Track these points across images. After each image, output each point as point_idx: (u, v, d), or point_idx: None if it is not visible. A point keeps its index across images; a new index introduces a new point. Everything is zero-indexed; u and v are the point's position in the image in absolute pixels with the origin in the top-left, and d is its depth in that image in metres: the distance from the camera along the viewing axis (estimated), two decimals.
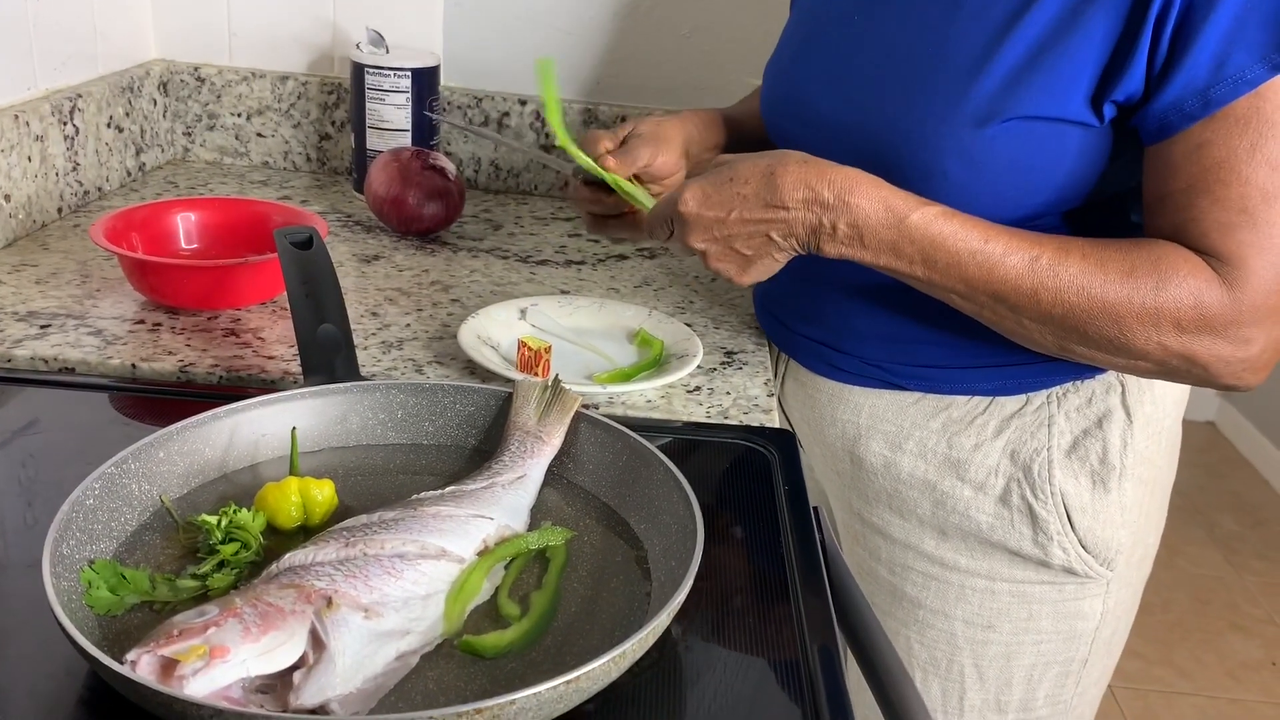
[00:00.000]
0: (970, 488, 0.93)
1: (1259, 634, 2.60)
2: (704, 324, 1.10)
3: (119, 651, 0.54)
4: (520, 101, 1.46)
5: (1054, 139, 0.81)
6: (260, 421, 0.76)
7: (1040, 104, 0.80)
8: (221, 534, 0.65)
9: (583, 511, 0.74)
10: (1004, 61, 0.80)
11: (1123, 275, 0.77)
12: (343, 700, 0.54)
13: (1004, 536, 0.93)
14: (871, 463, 0.98)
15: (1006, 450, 0.92)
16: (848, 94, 0.90)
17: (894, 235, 0.79)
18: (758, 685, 0.62)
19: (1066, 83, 0.79)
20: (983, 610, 0.95)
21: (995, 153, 0.81)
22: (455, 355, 0.97)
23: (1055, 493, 0.91)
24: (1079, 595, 0.94)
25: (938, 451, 0.94)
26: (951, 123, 0.82)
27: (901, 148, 0.84)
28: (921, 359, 0.93)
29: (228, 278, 1.00)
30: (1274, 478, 3.29)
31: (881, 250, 0.80)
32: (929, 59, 0.84)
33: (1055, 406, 0.91)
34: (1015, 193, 0.83)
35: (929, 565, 0.96)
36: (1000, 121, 0.80)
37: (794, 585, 0.70)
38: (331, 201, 1.39)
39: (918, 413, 0.94)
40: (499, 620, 0.63)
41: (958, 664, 0.98)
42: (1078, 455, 0.91)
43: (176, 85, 1.46)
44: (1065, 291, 0.78)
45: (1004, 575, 0.94)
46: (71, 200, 1.25)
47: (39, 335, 0.94)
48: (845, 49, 0.91)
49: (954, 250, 0.79)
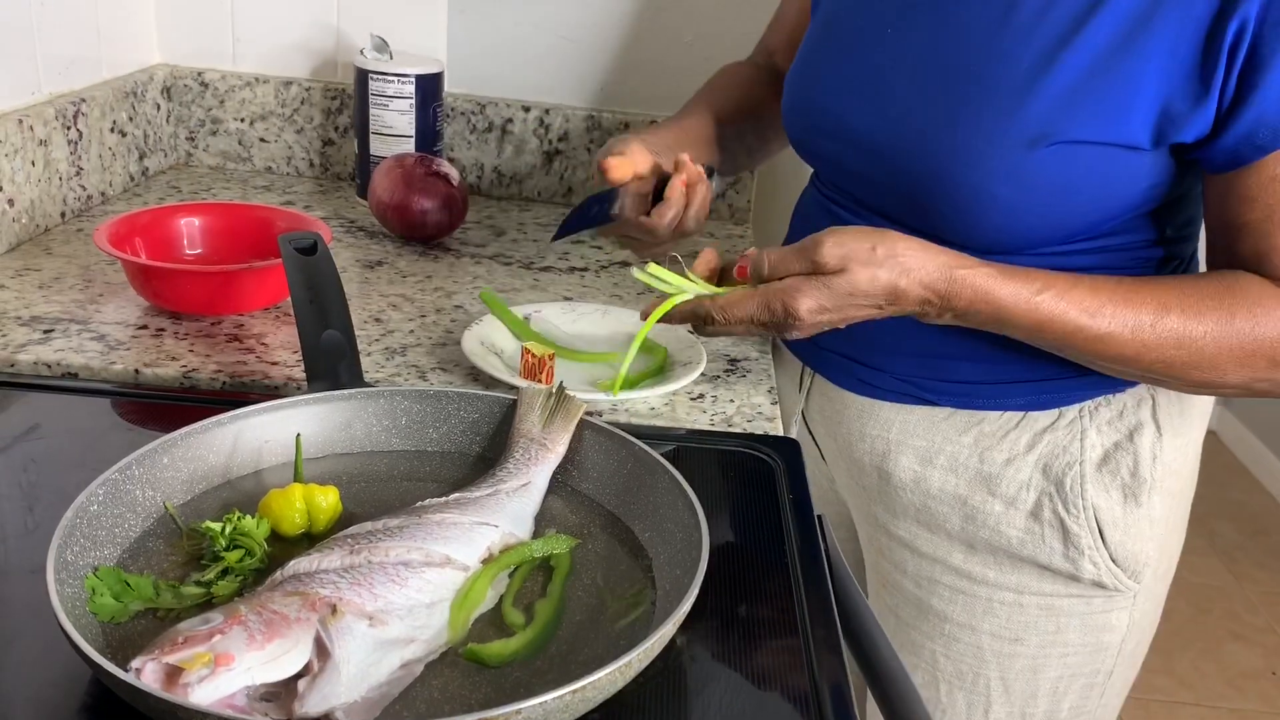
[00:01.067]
0: (1001, 502, 0.92)
1: (1260, 643, 2.60)
2: None
3: (123, 658, 0.53)
4: (524, 108, 1.46)
5: (1106, 162, 0.80)
6: (264, 428, 0.76)
7: (1095, 128, 0.79)
8: (225, 541, 0.65)
9: (587, 519, 0.74)
10: (1057, 81, 0.79)
11: (1219, 323, 0.79)
12: (347, 709, 0.54)
13: (1034, 551, 0.92)
14: (900, 477, 0.96)
15: (1039, 464, 0.91)
16: (883, 110, 0.87)
17: (997, 322, 0.81)
18: (762, 695, 0.61)
19: (1124, 107, 0.78)
20: (1010, 623, 0.95)
21: (1046, 175, 0.80)
22: (459, 362, 0.97)
23: (1088, 506, 0.90)
24: (1107, 608, 0.94)
25: (969, 466, 0.93)
26: (1001, 144, 0.80)
27: (946, 169, 0.83)
28: (954, 375, 0.92)
29: (231, 283, 1.00)
30: (1275, 487, 3.29)
31: (987, 325, 0.82)
32: (975, 75, 0.82)
33: (1088, 420, 0.90)
34: (1062, 215, 0.83)
35: (956, 579, 0.96)
36: (1052, 144, 0.79)
37: (798, 594, 0.69)
38: (335, 207, 1.39)
39: (949, 428, 0.93)
40: (504, 629, 0.62)
41: (984, 677, 0.97)
42: (1109, 468, 0.90)
43: (180, 90, 1.46)
44: (1166, 348, 0.79)
45: (1032, 589, 0.93)
46: (75, 205, 1.25)
47: (42, 340, 0.94)
48: (879, 61, 0.88)
49: (1059, 331, 0.80)
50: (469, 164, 1.49)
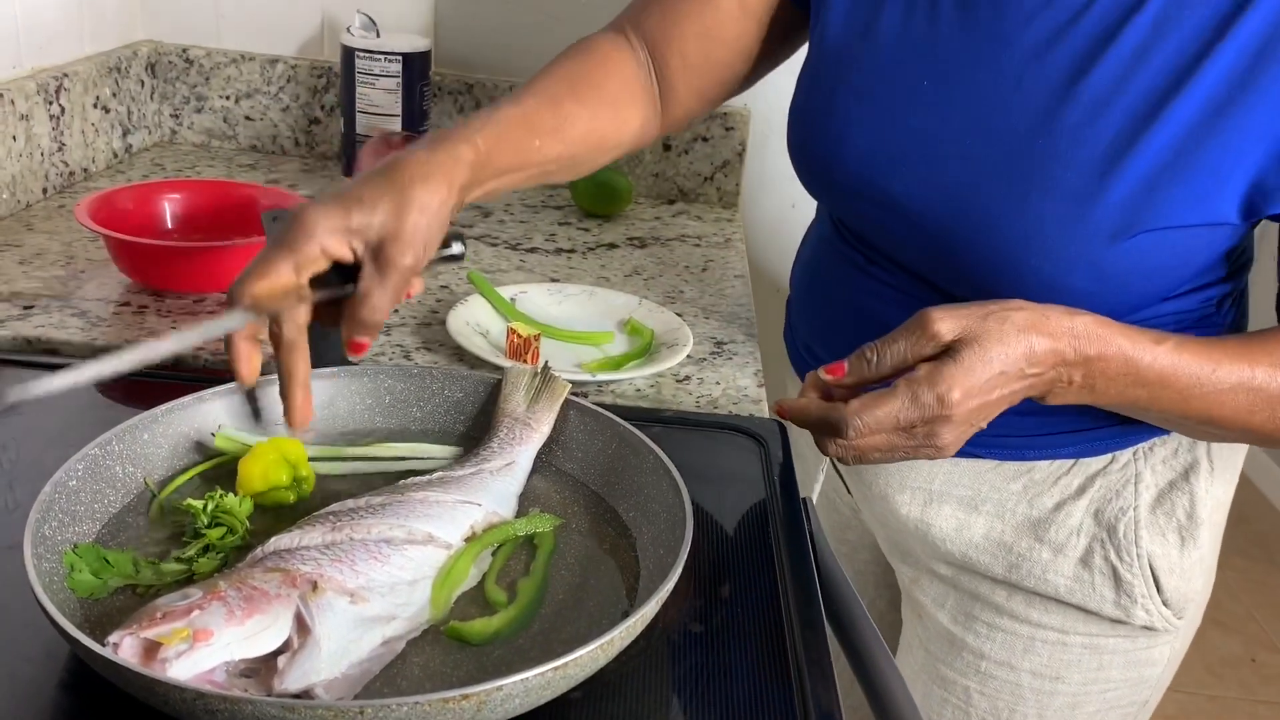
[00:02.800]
0: (1049, 549, 0.86)
1: (1239, 630, 2.62)
2: (694, 314, 1.10)
3: (101, 634, 0.53)
4: (511, 88, 1.45)
5: (1191, 242, 0.73)
6: (246, 405, 0.75)
7: (1183, 213, 0.71)
8: (207, 518, 0.65)
9: (571, 499, 0.74)
10: (1140, 165, 0.70)
11: None
12: (327, 685, 0.54)
13: (1083, 599, 0.86)
14: (942, 527, 0.89)
15: (1090, 509, 0.85)
16: (933, 181, 0.77)
17: (1126, 385, 0.71)
18: (744, 674, 0.61)
19: (1213, 188, 0.71)
20: (1052, 662, 0.89)
21: (1129, 266, 0.73)
22: (444, 342, 0.96)
23: (1142, 554, 0.84)
24: (1150, 644, 0.89)
25: (1017, 512, 0.86)
26: (1079, 235, 0.72)
27: (1018, 256, 0.74)
28: (1001, 429, 0.79)
29: (214, 260, 0.99)
30: (1256, 475, 3.31)
31: (1109, 399, 0.73)
32: (1040, 153, 0.73)
33: (1143, 463, 0.84)
34: (1141, 299, 0.76)
35: (996, 616, 0.90)
36: (1136, 234, 0.71)
37: (782, 574, 0.69)
38: (320, 185, 1.38)
39: (996, 477, 0.87)
40: (486, 606, 0.62)
41: (1020, 713, 0.92)
42: (1164, 510, 0.85)
43: (164, 67, 1.45)
44: (1276, 405, 0.73)
45: (1078, 630, 0.88)
46: (57, 181, 1.23)
47: (22, 316, 0.93)
48: (919, 125, 0.78)
49: (1182, 386, 0.72)
50: None
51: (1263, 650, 2.55)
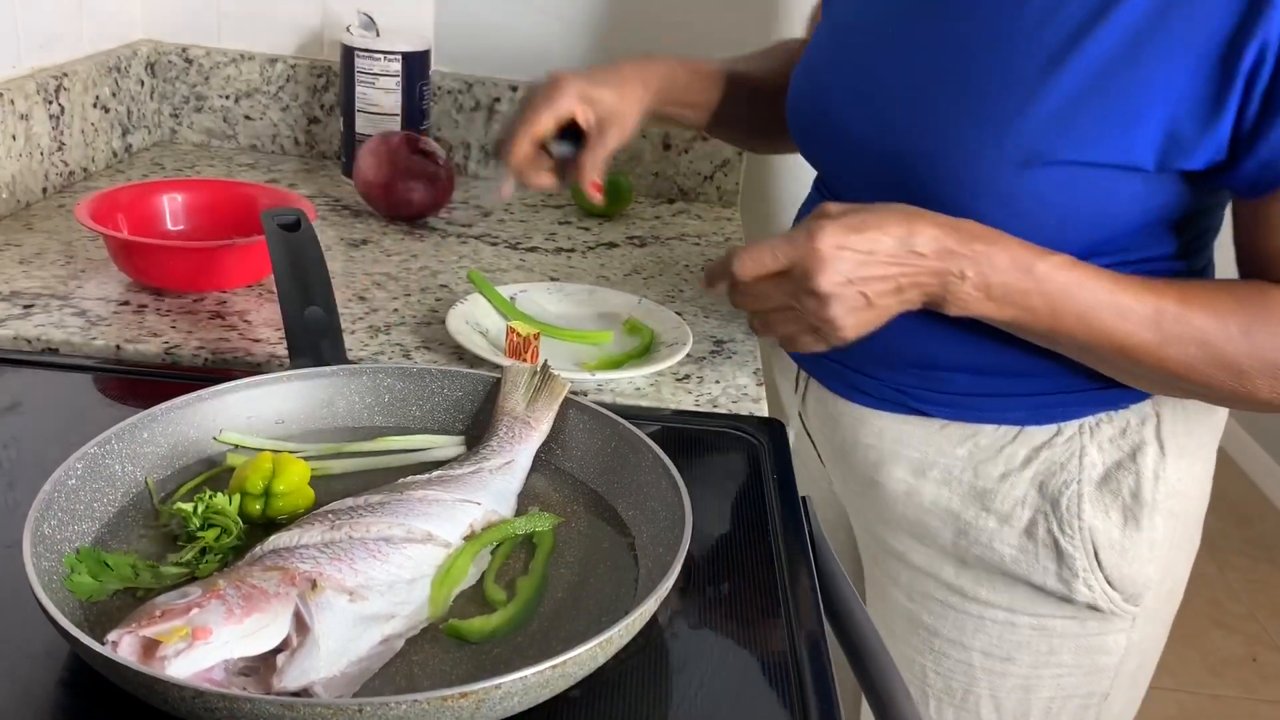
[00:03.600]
0: (995, 519, 0.88)
1: (1241, 630, 2.62)
2: (693, 312, 1.10)
3: (100, 633, 0.53)
4: (511, 87, 1.45)
5: (1104, 185, 0.75)
6: (245, 404, 0.75)
7: (1091, 149, 0.74)
8: (199, 520, 0.64)
9: (570, 497, 0.74)
10: (1052, 98, 0.74)
11: (1243, 330, 0.74)
12: (326, 683, 0.54)
13: (1028, 570, 0.88)
14: (893, 489, 0.93)
15: (1034, 481, 0.87)
16: (882, 119, 0.83)
17: (1023, 283, 0.74)
18: (744, 672, 0.61)
19: (1123, 126, 0.73)
20: (1001, 642, 0.92)
21: (1037, 198, 0.75)
22: (443, 341, 0.97)
23: (1084, 528, 0.86)
24: (1102, 630, 0.90)
25: (963, 480, 0.89)
26: (989, 161, 0.76)
27: (932, 182, 0.78)
28: (949, 386, 0.87)
29: (214, 259, 0.99)
30: (1258, 475, 3.31)
31: (1007, 301, 0.75)
32: (970, 88, 0.78)
33: (1088, 437, 0.86)
34: (1055, 236, 0.77)
35: (948, 594, 0.93)
36: (1046, 164, 0.74)
37: (781, 574, 0.69)
38: (320, 185, 1.38)
39: (943, 440, 0.90)
40: (485, 605, 0.62)
41: (974, 694, 0.94)
42: (1109, 489, 0.86)
43: (164, 66, 1.45)
44: (1189, 344, 0.75)
45: (1025, 609, 0.90)
46: (56, 180, 1.24)
47: (22, 315, 0.93)
48: (881, 70, 0.84)
49: (1082, 301, 0.74)
50: (455, 143, 1.49)
51: (1264, 650, 2.55)
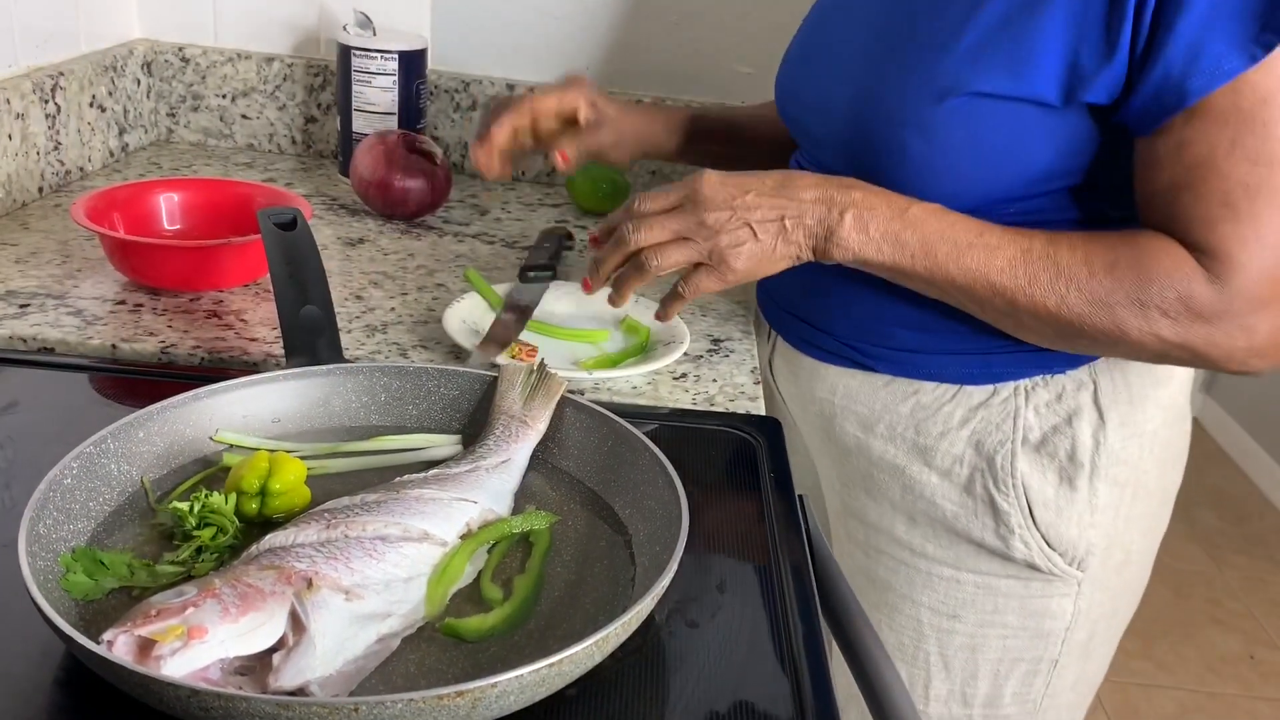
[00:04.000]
0: (936, 474, 0.93)
1: (1238, 628, 2.62)
2: (691, 311, 1.10)
3: (96, 632, 0.53)
4: (508, 86, 1.45)
5: (1013, 118, 0.80)
6: (241, 403, 0.75)
7: (1000, 81, 0.79)
8: (195, 520, 0.64)
9: (567, 496, 0.74)
10: (967, 38, 0.80)
11: (1107, 269, 0.78)
12: (323, 682, 0.54)
13: (967, 526, 0.93)
14: (845, 443, 0.98)
15: (971, 440, 0.91)
16: (837, 75, 0.91)
17: (897, 225, 0.81)
18: (740, 672, 0.61)
19: (1026, 62, 0.78)
20: (948, 599, 0.96)
21: (951, 128, 0.81)
22: (440, 339, 0.96)
23: (1017, 485, 0.90)
24: (1046, 593, 0.94)
25: (906, 437, 0.94)
26: (911, 97, 0.82)
27: (870, 124, 0.86)
28: (893, 341, 0.93)
29: (210, 258, 0.99)
30: (1256, 473, 3.31)
31: (885, 240, 0.81)
32: (901, 38, 0.85)
33: (1023, 399, 0.90)
34: (974, 171, 0.83)
35: (899, 550, 0.97)
36: (958, 96, 0.80)
37: (779, 572, 0.69)
38: (316, 184, 1.38)
39: (888, 396, 0.94)
40: (481, 604, 0.62)
41: (924, 651, 0.98)
42: (1046, 451, 0.90)
43: (160, 65, 1.45)
44: (1057, 282, 0.79)
45: (969, 565, 0.94)
46: (53, 180, 1.23)
47: (18, 315, 0.93)
48: (840, 31, 0.93)
49: (953, 240, 0.81)
50: (452, 142, 1.48)
51: (1261, 647, 2.56)
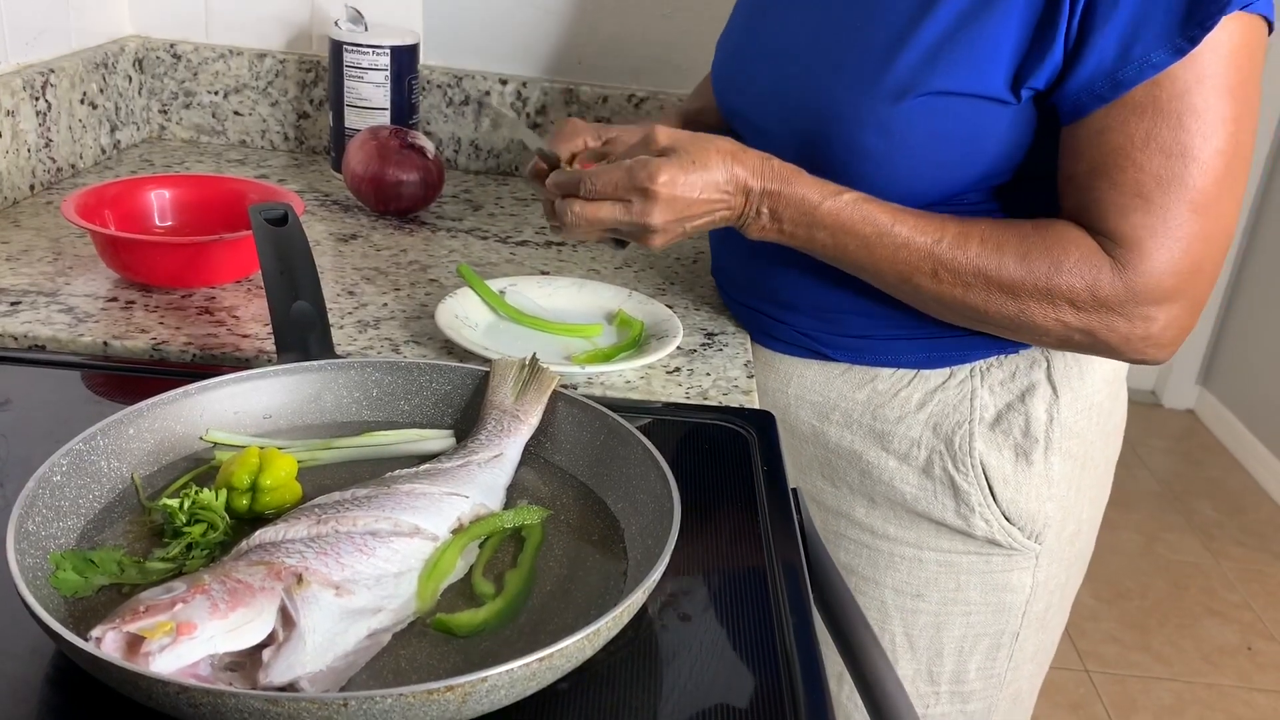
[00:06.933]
0: (895, 458, 0.95)
1: (1235, 619, 2.62)
2: (684, 305, 1.10)
3: (85, 629, 0.53)
4: (501, 81, 1.45)
5: (971, 115, 0.82)
6: (232, 399, 0.75)
7: (957, 79, 0.81)
8: (185, 516, 0.64)
9: (559, 490, 0.73)
10: (924, 37, 0.82)
11: (1018, 257, 0.81)
12: (313, 678, 0.53)
13: (928, 507, 0.94)
14: (802, 431, 0.99)
15: (929, 423, 0.93)
16: (785, 67, 0.91)
17: (807, 221, 0.84)
18: (733, 664, 0.61)
19: (985, 59, 0.80)
20: (911, 579, 0.97)
21: (912, 127, 0.83)
22: (433, 335, 0.96)
23: (976, 464, 0.92)
24: (1006, 568, 0.96)
25: (863, 423, 0.95)
26: (870, 96, 0.84)
27: (827, 122, 0.87)
28: (848, 329, 0.95)
29: (202, 255, 0.99)
30: (1253, 465, 3.31)
31: (797, 234, 0.85)
32: (853, 34, 0.86)
33: (979, 380, 0.92)
34: (934, 169, 0.85)
35: (860, 533, 0.98)
36: (916, 96, 0.82)
37: (771, 565, 0.69)
38: (309, 180, 1.37)
39: (844, 384, 0.96)
40: (473, 599, 0.62)
41: (889, 632, 0.99)
42: (1001, 429, 0.92)
43: (152, 62, 1.44)
44: (964, 273, 0.82)
45: (931, 545, 0.96)
46: (44, 177, 1.23)
47: (9, 312, 0.93)
48: (788, 22, 0.93)
49: (862, 234, 0.83)
50: (445, 137, 1.48)
51: (1259, 639, 2.56)
